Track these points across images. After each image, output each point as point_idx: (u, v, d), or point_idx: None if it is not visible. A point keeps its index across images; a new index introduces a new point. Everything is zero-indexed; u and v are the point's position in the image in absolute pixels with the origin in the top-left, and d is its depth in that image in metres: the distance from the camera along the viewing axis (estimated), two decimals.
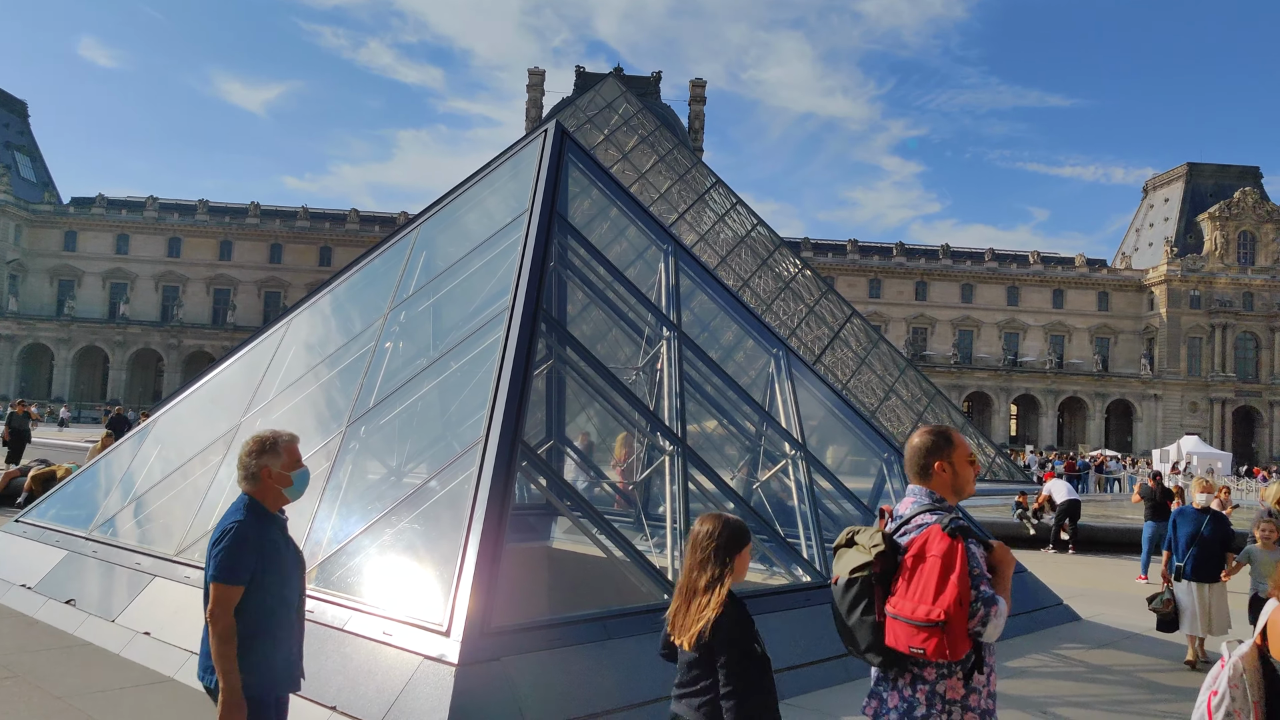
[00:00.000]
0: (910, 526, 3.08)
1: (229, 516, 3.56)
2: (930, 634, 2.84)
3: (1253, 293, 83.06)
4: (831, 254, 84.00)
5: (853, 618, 3.05)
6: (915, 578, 2.93)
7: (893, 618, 2.94)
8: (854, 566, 3.05)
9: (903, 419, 25.42)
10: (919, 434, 3.28)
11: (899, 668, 3.02)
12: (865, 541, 3.07)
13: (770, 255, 22.36)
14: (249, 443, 3.70)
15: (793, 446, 9.12)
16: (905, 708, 3.02)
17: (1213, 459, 47.88)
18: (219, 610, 3.38)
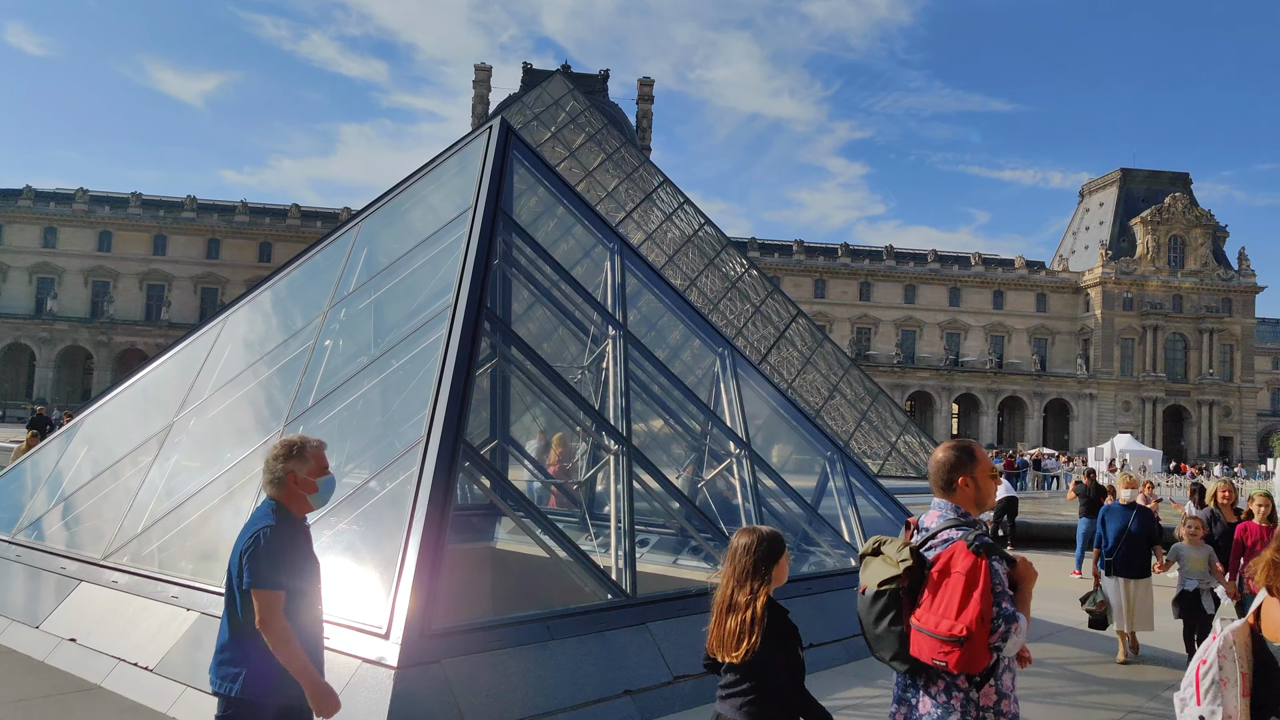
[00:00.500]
0: (936, 541, 3.20)
1: (256, 522, 3.52)
2: (953, 648, 2.96)
3: (1182, 295, 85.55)
4: (778, 254, 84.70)
5: (879, 627, 3.16)
6: (940, 592, 3.05)
7: (917, 630, 3.05)
8: (882, 579, 3.15)
9: (846, 418, 25.68)
10: (943, 449, 3.42)
11: (928, 675, 3.14)
12: (893, 554, 3.18)
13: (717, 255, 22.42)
14: (276, 447, 3.67)
15: (737, 445, 9.15)
16: (940, 714, 3.11)
17: (1144, 456, 49.22)
18: (270, 615, 3.35)
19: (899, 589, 3.13)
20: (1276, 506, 8.52)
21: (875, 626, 3.18)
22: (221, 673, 3.49)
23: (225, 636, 3.52)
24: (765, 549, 3.50)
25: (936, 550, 3.17)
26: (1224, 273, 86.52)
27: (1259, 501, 8.31)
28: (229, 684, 3.46)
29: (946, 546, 3.14)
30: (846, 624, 8.18)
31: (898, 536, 3.31)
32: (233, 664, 3.48)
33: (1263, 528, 8.19)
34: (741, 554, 3.52)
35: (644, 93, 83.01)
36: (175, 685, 5.74)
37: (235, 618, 3.49)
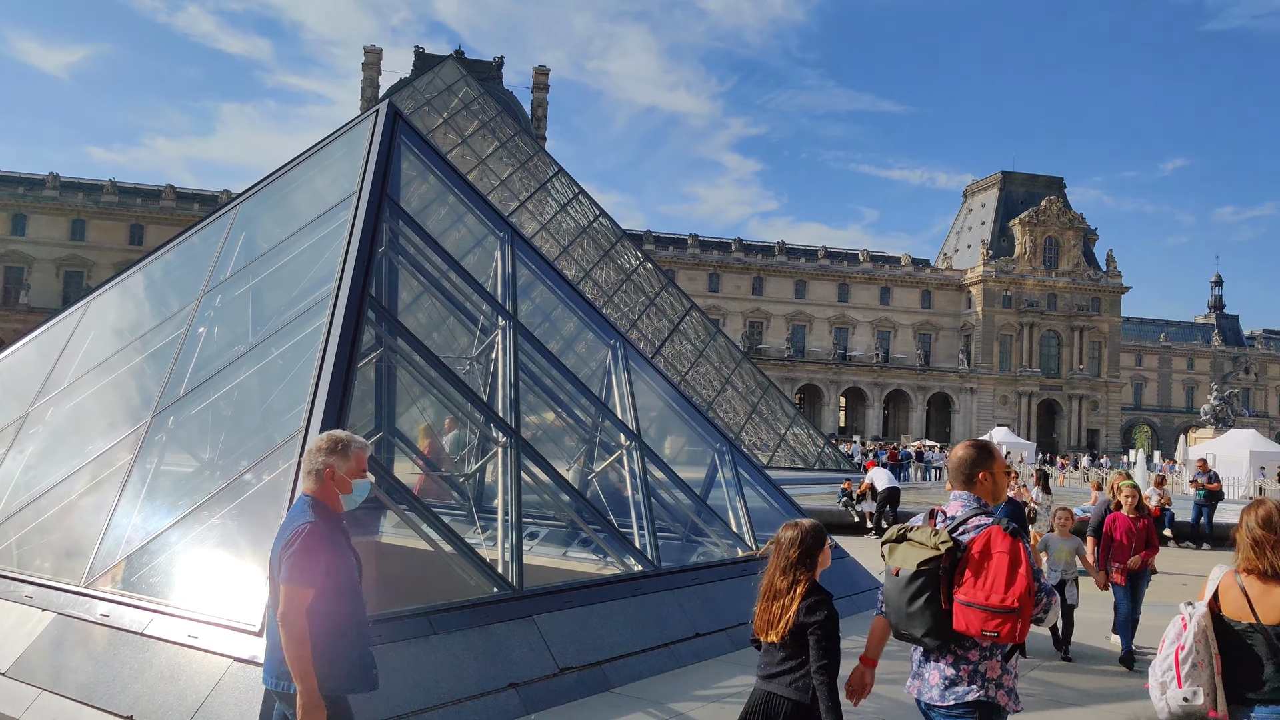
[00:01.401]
0: (968, 527, 3.46)
1: (297, 519, 3.43)
2: (1005, 619, 3.22)
3: (1056, 294, 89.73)
4: (673, 247, 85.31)
5: (915, 605, 3.38)
6: (985, 570, 3.31)
7: (966, 605, 3.29)
8: (921, 560, 3.38)
9: (738, 410, 26.06)
10: (964, 447, 3.72)
11: (939, 650, 3.41)
12: (927, 539, 3.43)
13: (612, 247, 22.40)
14: (321, 439, 3.58)
15: (628, 438, 9.16)
16: (945, 682, 3.41)
17: (1020, 448, 51.44)
18: (292, 613, 3.30)
19: (939, 568, 3.35)
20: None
21: (910, 605, 3.39)
22: (278, 670, 3.44)
23: (276, 634, 3.43)
24: (810, 542, 3.91)
25: (970, 535, 3.42)
26: (1094, 273, 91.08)
27: (1126, 493, 8.46)
28: (287, 682, 3.40)
29: (980, 531, 3.41)
30: (732, 613, 8.30)
31: (922, 525, 3.56)
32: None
33: (1130, 518, 8.39)
34: (787, 546, 3.89)
35: (539, 81, 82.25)
36: (30, 689, 5.42)
37: None
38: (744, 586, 8.78)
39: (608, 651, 6.80)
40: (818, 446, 31.56)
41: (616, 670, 6.70)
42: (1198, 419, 63.43)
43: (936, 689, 3.44)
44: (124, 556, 5.93)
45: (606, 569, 8.10)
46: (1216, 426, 50.64)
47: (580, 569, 8.42)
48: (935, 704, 3.45)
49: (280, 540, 3.43)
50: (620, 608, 7.23)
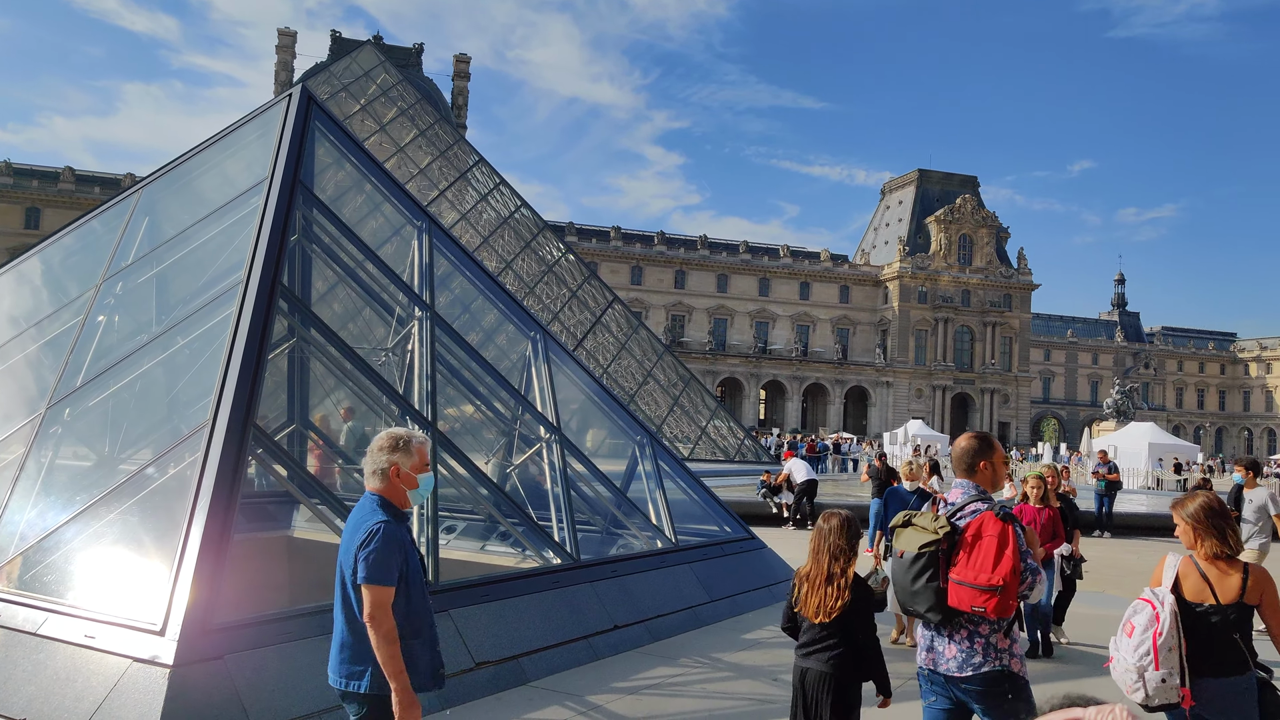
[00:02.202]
0: (965, 512, 3.84)
1: (370, 517, 3.45)
2: (990, 596, 3.60)
3: (970, 290, 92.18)
4: (595, 239, 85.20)
5: (918, 584, 3.77)
6: (976, 552, 3.69)
7: (958, 583, 3.68)
8: (922, 543, 3.77)
9: (659, 403, 26.15)
10: (966, 439, 4.10)
11: (953, 625, 3.78)
12: (927, 524, 3.82)
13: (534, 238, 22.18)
14: (382, 438, 3.61)
15: (548, 431, 9.11)
16: (963, 656, 3.77)
17: (934, 440, 52.75)
18: (379, 613, 3.33)
19: (939, 550, 3.74)
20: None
21: (914, 584, 3.79)
22: (347, 670, 3.47)
23: (345, 633, 3.48)
24: (854, 529, 4.36)
25: (966, 519, 3.80)
26: (1006, 270, 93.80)
27: (1032, 484, 8.45)
28: (356, 681, 3.45)
29: (975, 516, 3.78)
30: (650, 605, 8.34)
31: (925, 512, 3.96)
32: (357, 660, 3.46)
33: (1036, 509, 8.40)
34: (833, 535, 4.33)
35: (460, 69, 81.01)
36: None
37: (353, 614, 3.45)
38: (663, 578, 8.87)
39: (525, 645, 6.77)
40: (738, 439, 31.88)
41: (534, 664, 6.67)
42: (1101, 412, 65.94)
43: (954, 662, 3.80)
44: (17, 554, 5.68)
45: (525, 562, 8.05)
46: (1118, 420, 52.68)
47: (498, 562, 8.36)
48: (954, 675, 3.80)
49: (352, 540, 3.44)
50: (538, 601, 7.20)
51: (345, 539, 3.51)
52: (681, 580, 9.04)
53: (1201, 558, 4.01)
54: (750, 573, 10.19)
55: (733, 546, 10.31)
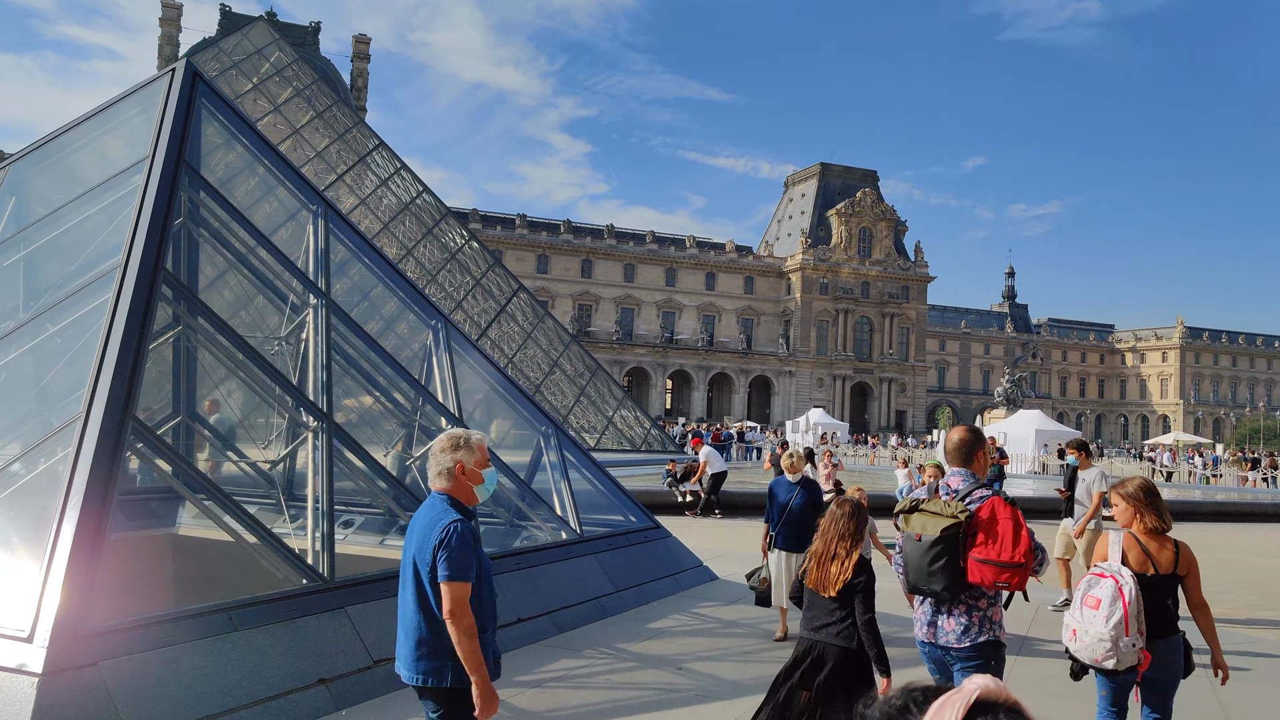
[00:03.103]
0: (972, 498, 4.20)
1: (444, 516, 3.52)
2: (1015, 572, 4.00)
3: (869, 282, 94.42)
4: (500, 227, 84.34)
5: (936, 565, 4.09)
6: (994, 533, 4.04)
7: (982, 561, 4.03)
8: (945, 526, 4.09)
9: (566, 393, 25.99)
10: (961, 431, 4.47)
11: (951, 604, 4.15)
12: (940, 509, 4.17)
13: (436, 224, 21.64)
14: (443, 439, 3.70)
15: (450, 422, 8.91)
16: (961, 629, 4.16)
17: (835, 428, 53.89)
18: (460, 609, 3.41)
19: (960, 533, 4.07)
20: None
21: (932, 565, 4.10)
22: (426, 667, 3.52)
23: (424, 631, 3.52)
24: (862, 514, 4.76)
25: (975, 504, 4.16)
26: (904, 263, 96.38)
27: (930, 472, 8.48)
28: (436, 677, 3.51)
29: (983, 501, 4.15)
30: (555, 597, 8.25)
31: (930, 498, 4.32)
32: (436, 656, 3.51)
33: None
34: (844, 520, 4.69)
35: (359, 50, 78.69)
36: None
37: (431, 611, 3.51)
38: (568, 570, 8.79)
39: None
40: (645, 429, 31.95)
41: None
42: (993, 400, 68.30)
43: (954, 634, 4.18)
44: None
45: None
46: (1008, 407, 54.67)
47: (397, 557, 8.12)
48: (953, 646, 4.19)
49: (428, 539, 3.50)
50: None
51: (418, 538, 3.57)
52: (587, 571, 8.98)
53: (1141, 533, 4.48)
54: (656, 562, 10.19)
55: (638, 536, 10.29)
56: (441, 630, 3.47)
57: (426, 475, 9.07)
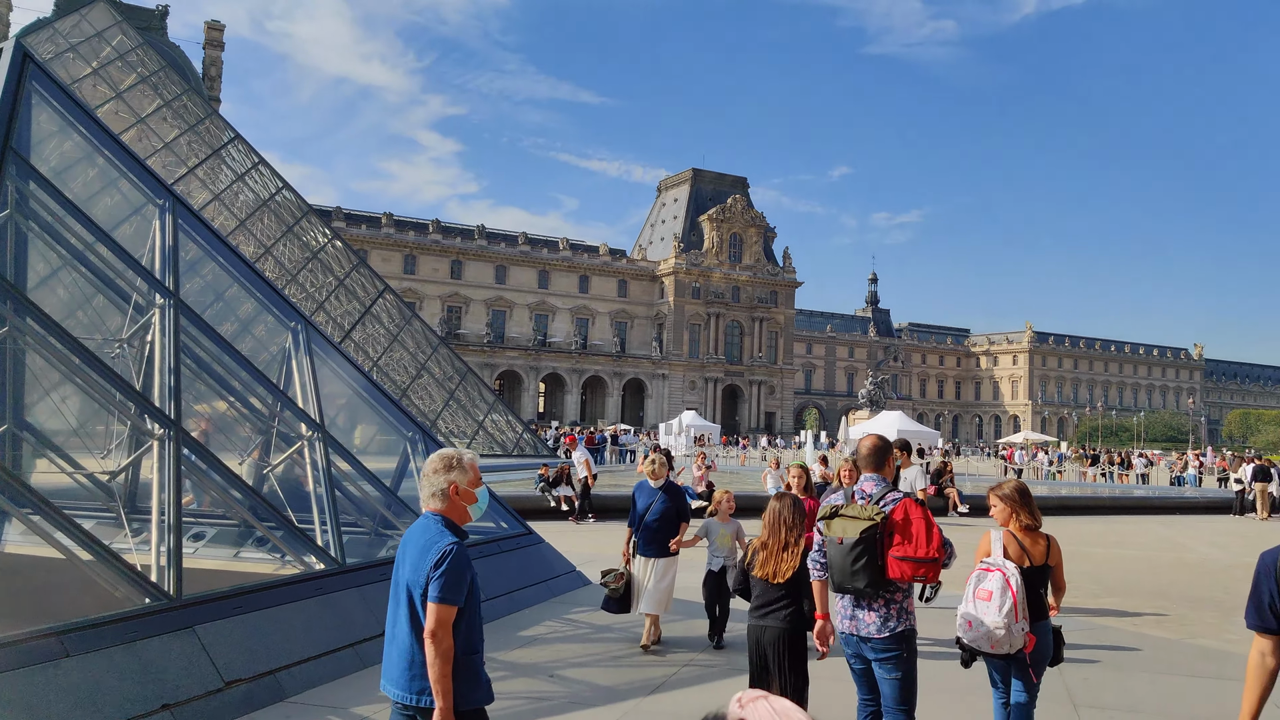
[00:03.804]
0: (886, 500, 4.58)
1: (440, 538, 3.51)
2: (929, 566, 4.40)
3: (740, 287, 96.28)
4: (366, 226, 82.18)
5: (858, 564, 4.45)
6: (909, 532, 4.43)
7: (900, 559, 4.41)
8: (863, 529, 4.46)
9: (434, 397, 25.44)
10: (873, 440, 4.87)
11: (870, 597, 4.51)
12: (859, 513, 4.53)
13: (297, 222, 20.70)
14: (435, 460, 3.70)
15: (310, 428, 8.54)
16: (880, 620, 4.53)
17: (707, 430, 54.66)
18: (442, 631, 3.39)
19: (877, 534, 4.46)
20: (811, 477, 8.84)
21: (854, 564, 4.46)
22: (418, 686, 3.48)
23: (418, 652, 3.47)
24: (800, 510, 5.24)
25: (889, 506, 4.54)
26: (772, 268, 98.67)
27: (795, 474, 8.20)
28: (429, 697, 3.46)
29: (896, 503, 4.53)
30: None
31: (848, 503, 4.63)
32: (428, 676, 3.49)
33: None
34: (786, 512, 5.20)
35: (212, 38, 74.64)
36: None
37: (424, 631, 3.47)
38: None
39: (284, 658, 6.30)
40: (516, 433, 31.61)
41: (293, 677, 6.23)
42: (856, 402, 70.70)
43: (873, 626, 4.53)
44: None
45: (284, 569, 7.51)
46: (871, 408, 56.69)
47: (254, 570, 7.75)
48: (873, 636, 4.53)
49: (423, 560, 3.47)
50: (299, 610, 6.73)
51: (413, 559, 3.53)
52: None
53: (1017, 530, 4.98)
54: (528, 569, 10.04)
55: (510, 543, 10.12)
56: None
57: (284, 483, 8.72)
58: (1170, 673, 7.71)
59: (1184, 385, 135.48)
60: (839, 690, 5.73)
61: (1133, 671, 7.63)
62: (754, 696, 1.13)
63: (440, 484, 3.63)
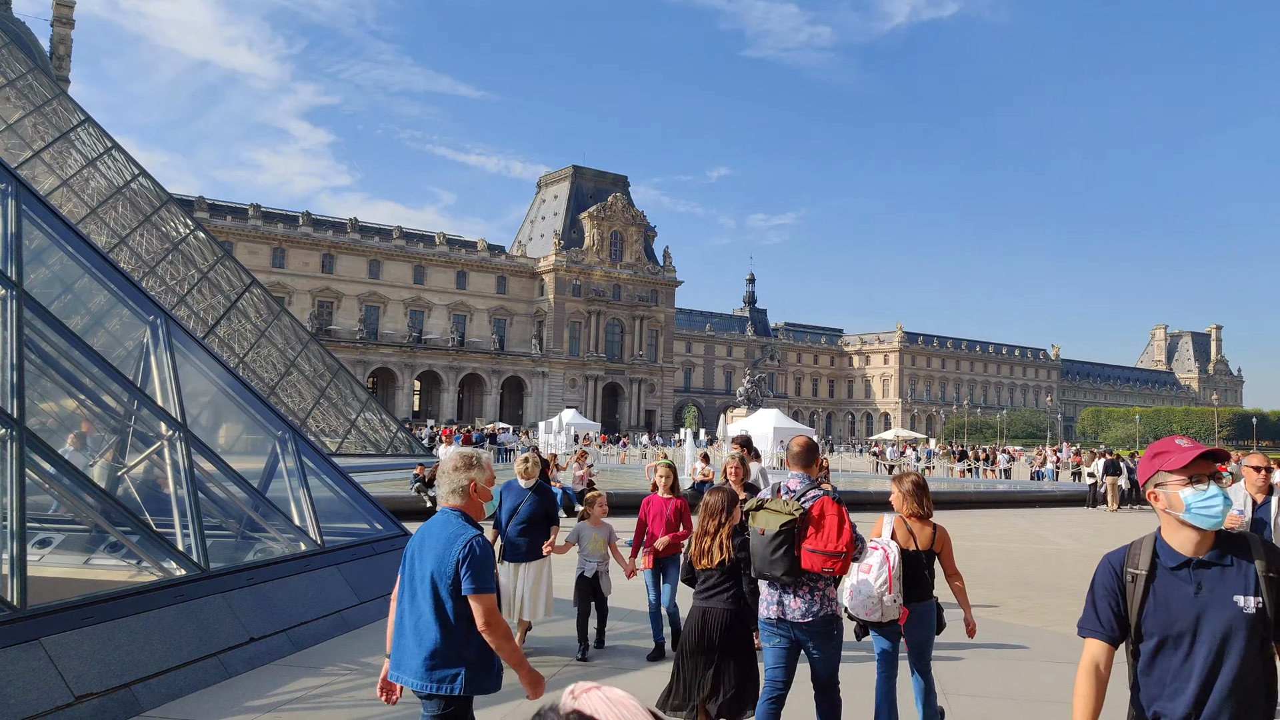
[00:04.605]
0: (807, 497, 4.98)
1: (463, 532, 3.70)
2: (837, 560, 4.80)
3: (620, 285, 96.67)
4: (231, 217, 78.99)
5: (777, 555, 4.83)
6: (823, 528, 4.83)
7: (811, 551, 4.80)
8: (783, 521, 4.83)
9: (304, 395, 24.63)
10: (802, 441, 5.34)
11: (796, 585, 4.89)
12: (780, 507, 4.91)
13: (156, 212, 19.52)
14: (454, 458, 3.90)
15: (170, 427, 8.12)
16: (806, 606, 4.91)
17: (587, 429, 54.63)
18: (493, 618, 3.64)
19: (795, 528, 4.82)
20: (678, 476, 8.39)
21: (774, 554, 4.83)
22: (439, 675, 3.66)
23: (437, 640, 3.66)
24: (729, 498, 5.55)
25: (809, 503, 4.94)
26: (653, 267, 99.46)
27: (662, 473, 7.98)
28: (449, 685, 3.66)
29: (816, 500, 4.94)
30: (293, 613, 7.72)
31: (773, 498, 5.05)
32: (449, 665, 3.67)
33: (664, 499, 7.85)
34: (716, 502, 5.51)
35: (62, 14, 69.94)
36: None
37: (448, 622, 3.67)
38: (307, 583, 8.24)
39: (140, 670, 5.97)
40: (390, 432, 30.91)
41: (150, 690, 5.91)
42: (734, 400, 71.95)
43: (799, 611, 4.91)
44: None
45: (141, 576, 7.12)
46: (749, 406, 57.70)
47: (108, 578, 7.32)
48: (799, 622, 4.91)
49: (448, 554, 3.66)
50: (157, 619, 6.39)
51: (436, 551, 3.70)
52: (328, 583, 8.48)
53: (907, 516, 5.55)
54: (392, 573, 9.78)
55: (384, 545, 9.86)
56: (456, 640, 3.68)
57: (142, 485, 8.26)
58: (1034, 659, 8.08)
59: (1043, 384, 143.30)
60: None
61: (999, 659, 7.97)
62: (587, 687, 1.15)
63: (461, 481, 3.84)
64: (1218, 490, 2.65)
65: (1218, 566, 2.67)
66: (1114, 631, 2.78)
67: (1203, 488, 2.65)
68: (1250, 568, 2.65)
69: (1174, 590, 2.68)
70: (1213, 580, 2.66)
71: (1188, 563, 2.68)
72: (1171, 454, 2.73)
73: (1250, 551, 2.68)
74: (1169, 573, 2.70)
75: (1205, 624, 2.62)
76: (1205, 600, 2.64)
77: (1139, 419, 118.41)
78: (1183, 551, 2.70)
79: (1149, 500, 2.77)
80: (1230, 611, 2.61)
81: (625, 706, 1.14)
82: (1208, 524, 2.64)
